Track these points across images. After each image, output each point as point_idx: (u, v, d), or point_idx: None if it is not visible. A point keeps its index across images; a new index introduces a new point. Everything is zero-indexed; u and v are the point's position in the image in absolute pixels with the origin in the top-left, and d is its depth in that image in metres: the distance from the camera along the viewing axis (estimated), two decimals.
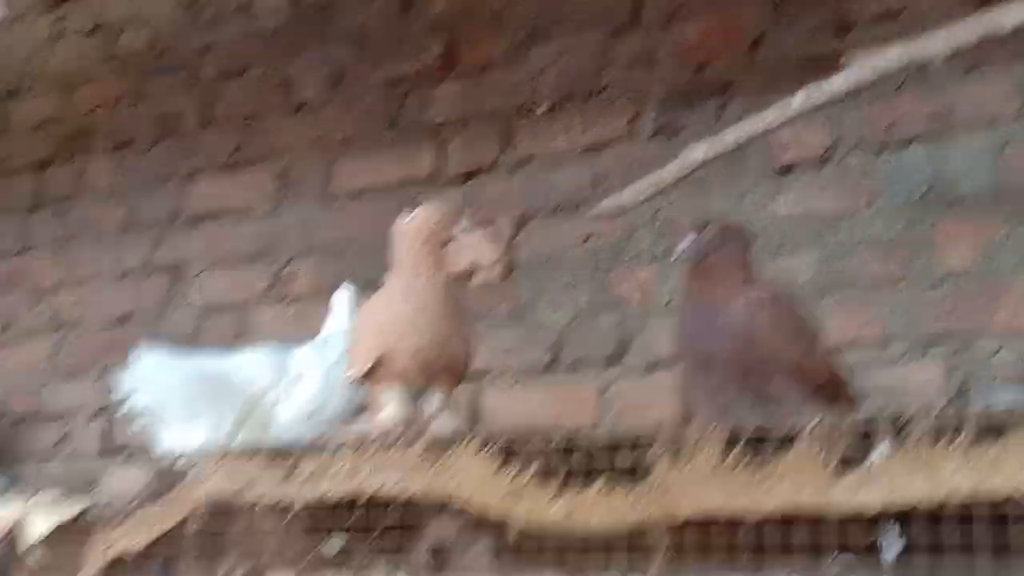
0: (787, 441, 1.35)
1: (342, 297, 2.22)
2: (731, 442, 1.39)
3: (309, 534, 1.72)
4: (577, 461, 1.51)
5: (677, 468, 1.42)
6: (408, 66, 3.00)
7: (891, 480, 1.27)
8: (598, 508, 1.47)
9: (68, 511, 1.95)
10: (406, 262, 1.71)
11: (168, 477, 1.93)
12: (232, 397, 2.03)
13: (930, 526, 1.26)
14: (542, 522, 1.50)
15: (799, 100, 1.76)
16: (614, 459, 1.49)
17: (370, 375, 1.71)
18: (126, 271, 3.37)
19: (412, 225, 1.73)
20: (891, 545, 1.29)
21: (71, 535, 1.92)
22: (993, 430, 1.23)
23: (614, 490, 1.47)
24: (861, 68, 1.71)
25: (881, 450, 1.29)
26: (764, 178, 2.44)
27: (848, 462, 1.31)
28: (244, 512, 1.76)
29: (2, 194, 3.62)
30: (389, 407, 1.75)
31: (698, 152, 1.86)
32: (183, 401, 1.99)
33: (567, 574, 1.49)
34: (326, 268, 3.06)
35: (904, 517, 1.28)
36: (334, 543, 1.69)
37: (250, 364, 2.09)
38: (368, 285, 2.17)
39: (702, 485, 1.40)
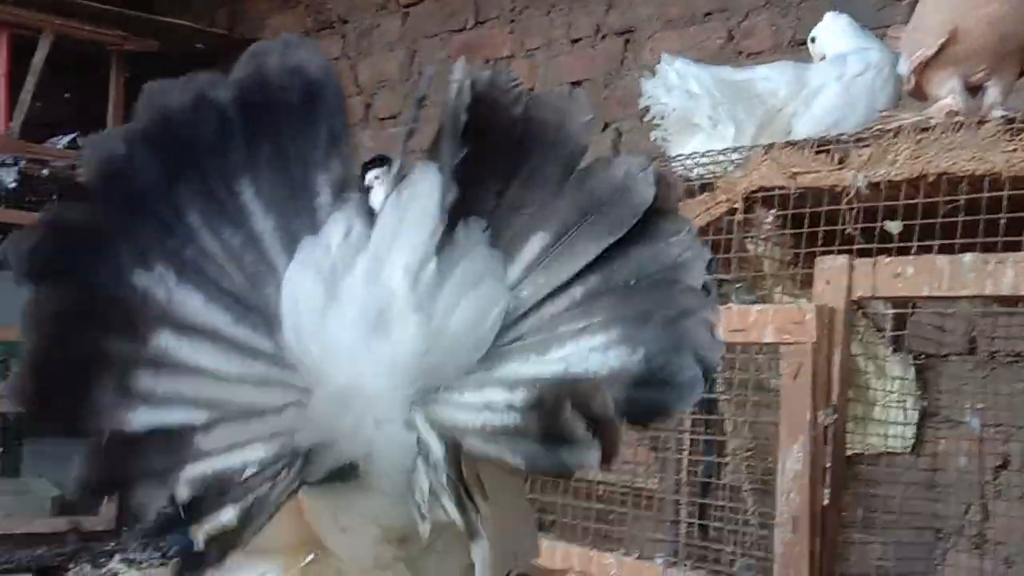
0: None
1: (830, 23, 2.19)
2: None
3: (863, 219, 1.75)
4: None
5: None
6: None
7: None
8: None
9: None
10: None
11: (694, 180, 2.02)
12: (753, 106, 2.08)
13: None
14: None
15: None
16: None
17: (936, 57, 1.69)
18: (578, 37, 3.50)
19: None
20: None
21: None
22: None
23: None
24: None
25: None
26: None
27: None
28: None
29: None
30: (948, 97, 1.72)
31: None
32: (707, 107, 2.05)
33: None
34: (784, 22, 3.03)
35: None
36: (893, 225, 1.72)
37: (770, 76, 2.12)
38: None
39: None
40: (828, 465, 1.71)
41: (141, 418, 0.68)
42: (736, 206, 1.91)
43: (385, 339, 0.73)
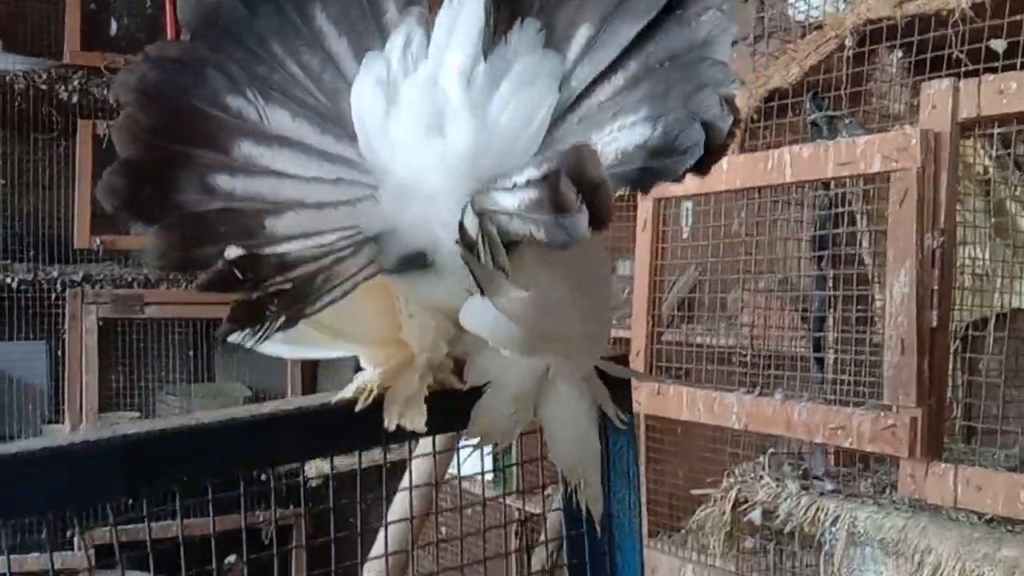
0: None
1: None
2: None
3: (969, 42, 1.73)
4: None
5: None
6: None
7: None
8: None
9: None
10: None
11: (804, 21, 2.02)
12: None
13: None
14: None
15: None
16: None
17: None
18: None
19: None
20: None
21: None
22: None
23: None
24: None
25: None
26: None
27: None
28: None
29: None
30: None
31: None
32: None
33: None
34: None
35: None
36: (997, 44, 1.70)
37: None
38: None
39: None
40: (936, 288, 1.72)
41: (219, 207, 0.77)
42: (846, 42, 1.91)
43: (441, 139, 0.81)
